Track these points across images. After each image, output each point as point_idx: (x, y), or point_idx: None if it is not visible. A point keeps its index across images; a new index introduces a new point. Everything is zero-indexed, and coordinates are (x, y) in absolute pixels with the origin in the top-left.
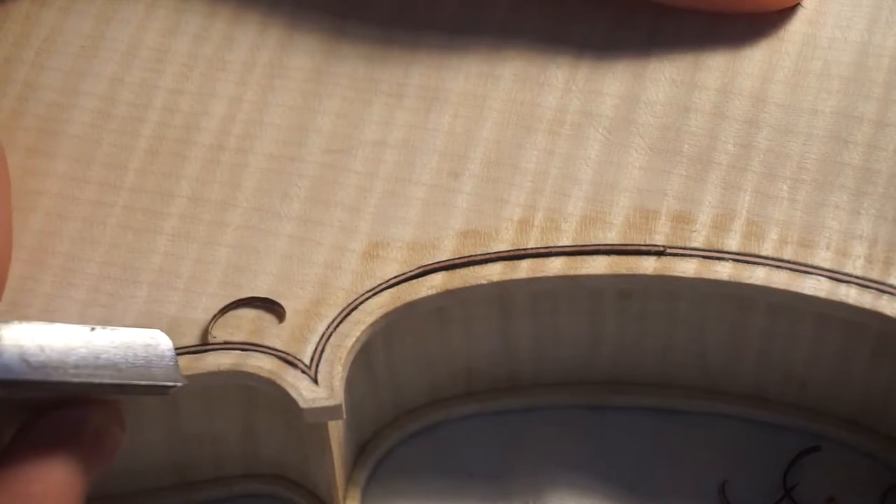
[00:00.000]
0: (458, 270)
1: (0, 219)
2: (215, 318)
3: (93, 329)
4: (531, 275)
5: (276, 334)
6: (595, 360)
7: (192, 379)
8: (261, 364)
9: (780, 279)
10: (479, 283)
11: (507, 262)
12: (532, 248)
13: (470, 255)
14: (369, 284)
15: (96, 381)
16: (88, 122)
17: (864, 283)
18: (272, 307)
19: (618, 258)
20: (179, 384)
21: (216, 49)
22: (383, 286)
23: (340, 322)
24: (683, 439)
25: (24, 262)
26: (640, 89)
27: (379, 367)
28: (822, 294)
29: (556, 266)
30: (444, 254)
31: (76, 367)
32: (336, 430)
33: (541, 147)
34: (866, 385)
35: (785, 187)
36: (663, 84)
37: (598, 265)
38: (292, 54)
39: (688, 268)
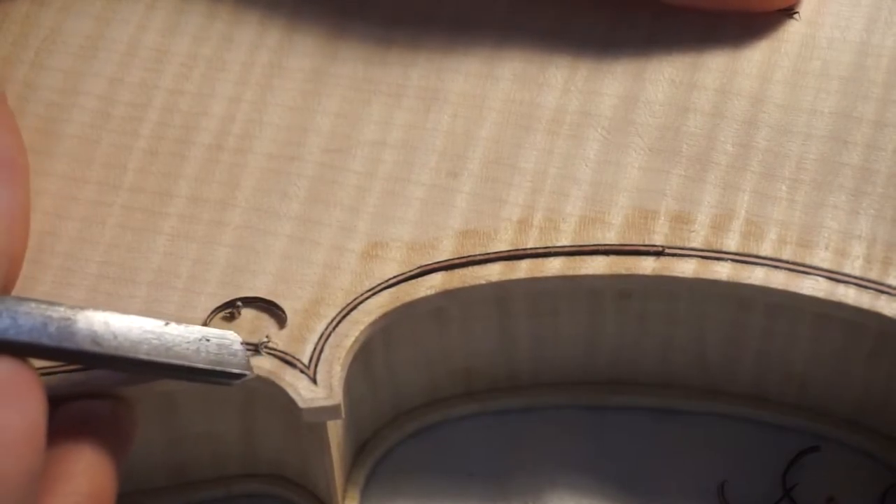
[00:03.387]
0: (457, 270)
1: (21, 203)
2: (212, 315)
3: (167, 323)
4: (530, 275)
5: (275, 334)
6: (594, 360)
7: None
8: (260, 364)
9: (778, 279)
10: (478, 283)
11: (506, 263)
12: (531, 249)
13: (469, 256)
14: (368, 284)
15: (163, 360)
16: (88, 122)
17: (862, 283)
18: (274, 311)
19: (617, 258)
20: (249, 374)
21: (216, 49)
22: (382, 286)
23: (339, 322)
24: (683, 439)
25: (24, 262)
26: (640, 89)
27: (378, 367)
28: (820, 294)
29: (555, 266)
30: (444, 254)
31: (147, 353)
32: (335, 430)
33: (540, 147)
34: (865, 385)
35: (784, 187)
36: (662, 84)
37: (597, 265)
38: (292, 54)
39: (687, 268)
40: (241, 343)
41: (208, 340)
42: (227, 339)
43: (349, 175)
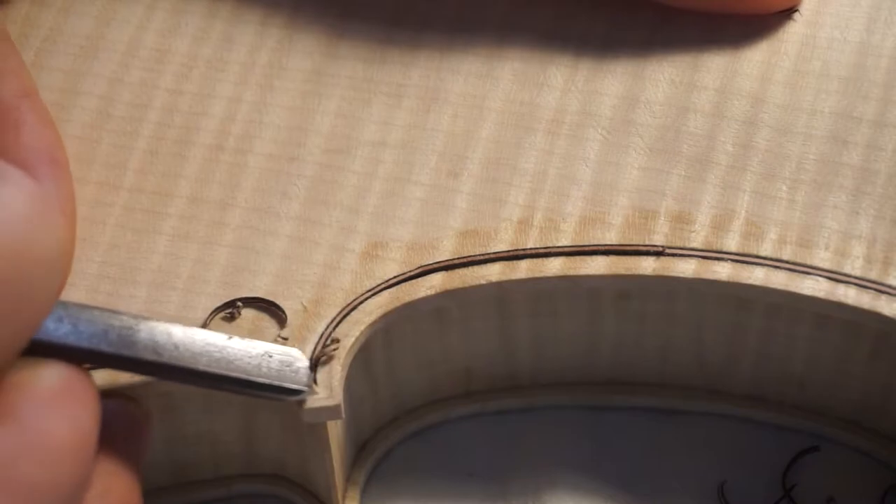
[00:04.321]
0: (457, 270)
1: (68, 199)
2: (212, 315)
3: (230, 338)
4: (530, 275)
5: (275, 334)
6: (594, 361)
7: None
8: None
9: (778, 279)
10: (478, 283)
11: (506, 263)
12: (531, 249)
13: (469, 256)
14: (368, 284)
15: (225, 373)
16: (88, 122)
17: (862, 283)
18: (274, 311)
19: (617, 258)
20: (308, 392)
21: (215, 49)
22: (382, 286)
23: (339, 322)
24: (682, 439)
25: None
26: (640, 89)
27: (378, 367)
28: (820, 294)
29: (555, 266)
30: (444, 254)
31: (207, 365)
32: (335, 430)
33: (540, 147)
34: (865, 385)
35: (784, 187)
36: (662, 84)
37: (597, 265)
38: (292, 55)
39: (687, 268)
40: (305, 367)
41: (271, 356)
42: (290, 356)
43: (349, 175)
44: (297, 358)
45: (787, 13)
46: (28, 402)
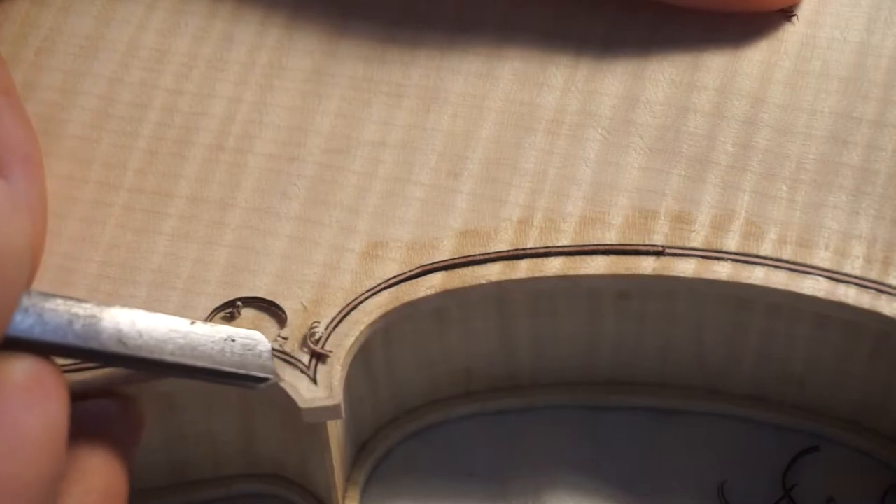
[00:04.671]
0: (457, 270)
1: (40, 196)
2: (212, 315)
3: (193, 323)
4: (530, 275)
5: (275, 334)
6: (594, 361)
7: None
8: None
9: (778, 279)
10: (478, 283)
11: (506, 262)
12: (531, 248)
13: (469, 255)
14: (368, 284)
15: (190, 363)
16: (88, 122)
17: (862, 283)
18: (274, 311)
19: (617, 258)
20: (273, 379)
21: (215, 49)
22: (382, 286)
23: (339, 322)
24: (682, 439)
25: None
26: (640, 89)
27: (378, 367)
28: (820, 294)
29: (555, 266)
30: (444, 254)
31: (172, 354)
32: (335, 430)
33: (540, 147)
34: (865, 385)
35: (784, 187)
36: (662, 84)
37: (597, 265)
38: (292, 54)
39: (687, 268)
40: (267, 350)
41: (234, 341)
42: (252, 339)
43: (349, 175)
44: (260, 341)
45: (787, 13)
46: None
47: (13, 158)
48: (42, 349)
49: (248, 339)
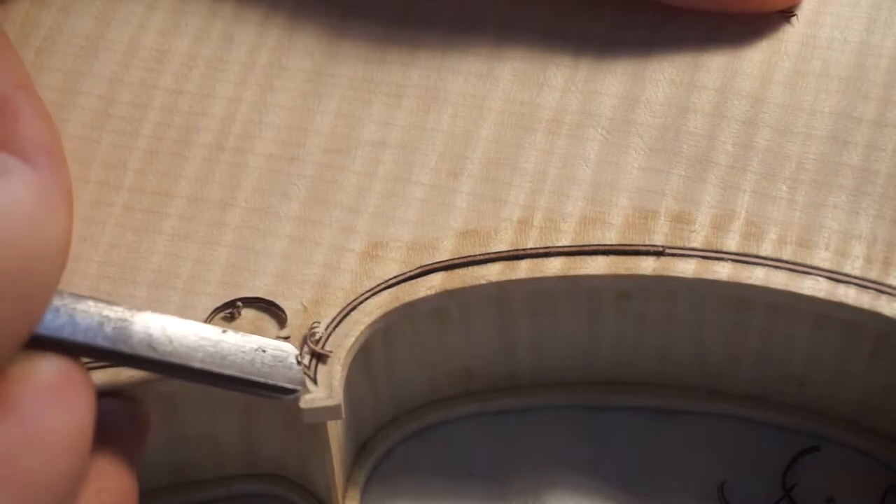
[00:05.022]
0: (457, 270)
1: (66, 190)
2: (212, 315)
3: (224, 331)
4: (530, 275)
5: (275, 334)
6: (594, 361)
7: None
8: None
9: (778, 279)
10: (478, 283)
11: (506, 263)
12: (531, 249)
13: (469, 256)
14: (368, 284)
15: (219, 371)
16: (88, 122)
17: (862, 283)
18: (274, 311)
19: (617, 258)
20: (301, 391)
21: (216, 49)
22: (382, 286)
23: (339, 322)
24: (682, 439)
25: None
26: (640, 89)
27: (378, 367)
28: (820, 294)
29: (555, 266)
30: (444, 254)
31: (202, 361)
32: (335, 430)
33: (540, 147)
34: (865, 385)
35: (784, 187)
36: (663, 84)
37: (597, 265)
38: (292, 54)
39: (687, 268)
40: (297, 363)
41: (264, 351)
42: (283, 350)
43: (349, 175)
44: (290, 353)
45: (787, 14)
46: (27, 395)
47: (37, 152)
48: (71, 349)
49: (279, 350)
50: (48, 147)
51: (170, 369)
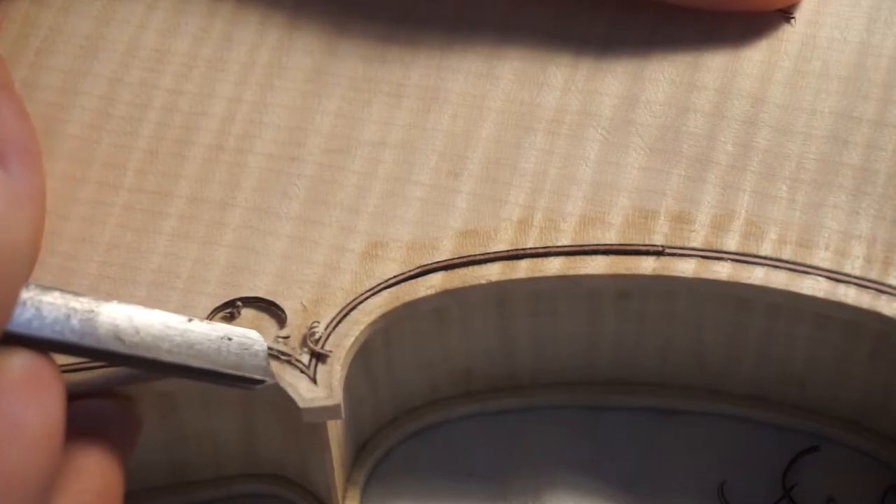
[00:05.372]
0: (456, 270)
1: (39, 188)
2: (212, 315)
3: (190, 320)
4: (530, 275)
5: (275, 334)
6: (594, 360)
7: None
8: None
9: (778, 279)
10: (477, 283)
11: (505, 262)
12: (531, 248)
13: (469, 255)
14: (368, 284)
15: (187, 363)
16: (88, 122)
17: (862, 283)
18: (274, 311)
19: (617, 258)
20: (269, 381)
21: (215, 49)
22: (382, 286)
23: (339, 322)
24: (682, 439)
25: None
26: (640, 89)
27: (378, 367)
28: (820, 294)
29: (554, 266)
30: (443, 254)
31: (169, 351)
32: (335, 430)
33: (540, 147)
34: (865, 385)
35: (784, 187)
36: (663, 84)
37: (597, 265)
38: (292, 54)
39: (687, 268)
40: (263, 349)
41: (230, 339)
42: (249, 338)
43: (349, 175)
44: (256, 341)
45: (787, 13)
46: None
47: (11, 150)
48: (40, 345)
49: (245, 338)
50: (24, 146)
51: (138, 363)
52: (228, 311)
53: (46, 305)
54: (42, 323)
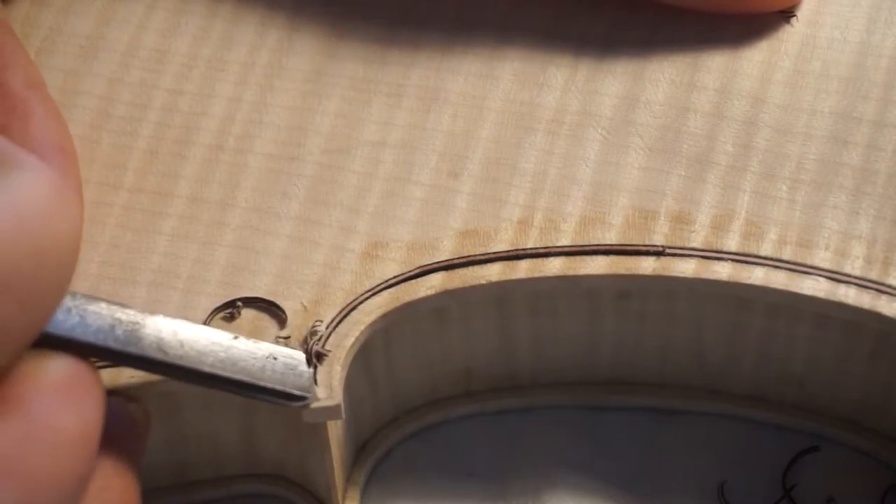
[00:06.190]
0: (457, 270)
1: (76, 190)
2: (212, 315)
3: (236, 337)
4: (530, 275)
5: (275, 335)
6: (594, 361)
7: None
8: None
9: (778, 279)
10: (478, 283)
11: (506, 263)
12: (531, 249)
13: (469, 256)
14: (368, 284)
15: (229, 375)
16: (88, 122)
17: (862, 283)
18: (274, 311)
19: (617, 258)
20: (309, 398)
21: (215, 49)
22: (382, 286)
23: (339, 322)
24: (682, 439)
25: None
26: (640, 89)
27: (378, 367)
28: (820, 294)
29: (555, 266)
30: (444, 254)
31: (211, 366)
32: (335, 430)
33: (540, 147)
34: (865, 385)
35: (784, 188)
36: (663, 84)
37: (597, 265)
38: (292, 55)
39: (687, 268)
40: (308, 371)
41: (275, 359)
42: (294, 358)
43: (349, 175)
44: (301, 361)
45: (787, 14)
46: (36, 394)
47: (50, 151)
48: (80, 349)
49: (290, 358)
50: (60, 147)
51: (179, 372)
52: (228, 311)
53: (92, 314)
54: (86, 330)
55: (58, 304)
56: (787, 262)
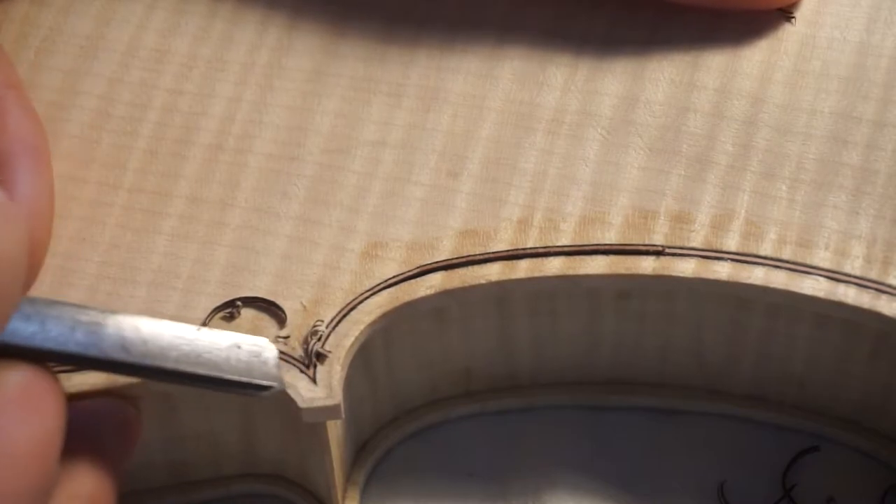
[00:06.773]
0: (456, 270)
1: (46, 191)
2: (212, 315)
3: (199, 329)
4: (530, 275)
5: (275, 334)
6: (594, 360)
7: None
8: None
9: (778, 279)
10: (477, 282)
11: (505, 262)
12: (531, 248)
13: (469, 255)
14: (368, 284)
15: (192, 370)
16: (87, 122)
17: (862, 283)
18: (273, 311)
19: (617, 258)
20: (276, 387)
21: (215, 49)
22: (382, 286)
23: (339, 322)
24: (682, 439)
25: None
26: (640, 89)
27: (378, 367)
28: (820, 294)
29: (554, 266)
30: (443, 254)
31: (176, 361)
32: (335, 430)
33: (540, 147)
34: (865, 385)
35: (784, 187)
36: (662, 84)
37: (596, 265)
38: (291, 54)
39: (686, 268)
40: (274, 357)
41: (239, 347)
42: (258, 346)
43: (349, 175)
44: (266, 348)
45: (787, 13)
46: None
47: (21, 150)
48: (42, 356)
49: (255, 345)
50: (34, 147)
51: (143, 371)
52: (228, 311)
53: (52, 319)
54: (46, 336)
55: (5, 319)
56: (787, 261)
